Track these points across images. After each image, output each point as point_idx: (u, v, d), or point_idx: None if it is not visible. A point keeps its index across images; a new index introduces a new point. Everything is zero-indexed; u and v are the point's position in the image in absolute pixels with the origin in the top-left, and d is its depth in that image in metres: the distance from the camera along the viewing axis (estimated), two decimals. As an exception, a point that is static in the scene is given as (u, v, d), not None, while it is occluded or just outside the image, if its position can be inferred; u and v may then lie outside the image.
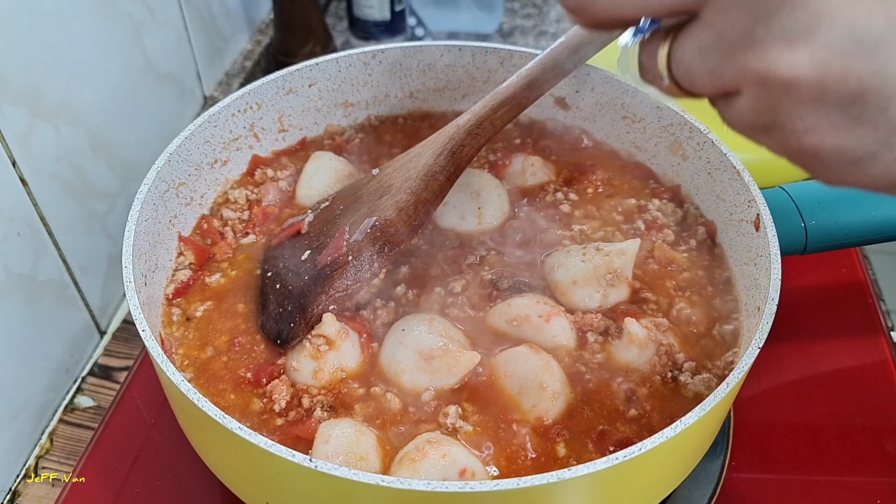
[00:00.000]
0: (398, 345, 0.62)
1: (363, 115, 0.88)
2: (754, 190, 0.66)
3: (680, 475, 0.61)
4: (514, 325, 0.64)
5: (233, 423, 0.50)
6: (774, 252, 0.61)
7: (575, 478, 0.47)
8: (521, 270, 0.70)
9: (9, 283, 0.72)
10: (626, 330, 0.63)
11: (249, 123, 0.80)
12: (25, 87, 0.72)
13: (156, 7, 0.93)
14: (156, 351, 0.54)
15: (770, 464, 0.73)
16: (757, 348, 0.55)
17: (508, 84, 0.72)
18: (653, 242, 0.72)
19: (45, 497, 0.74)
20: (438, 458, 0.54)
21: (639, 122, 0.80)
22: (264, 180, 0.80)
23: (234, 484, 0.60)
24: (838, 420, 0.77)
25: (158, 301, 0.68)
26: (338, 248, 0.66)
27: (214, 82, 1.14)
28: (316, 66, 0.82)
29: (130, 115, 0.90)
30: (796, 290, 0.83)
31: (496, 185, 0.76)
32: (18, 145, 0.71)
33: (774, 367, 0.79)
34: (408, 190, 0.67)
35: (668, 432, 0.49)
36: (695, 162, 0.75)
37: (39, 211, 0.76)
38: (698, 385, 0.61)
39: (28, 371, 0.77)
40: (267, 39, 1.25)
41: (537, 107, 0.79)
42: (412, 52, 0.85)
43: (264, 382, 0.62)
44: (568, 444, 0.58)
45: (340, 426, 0.57)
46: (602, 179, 0.80)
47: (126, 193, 0.90)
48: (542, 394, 0.59)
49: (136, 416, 0.77)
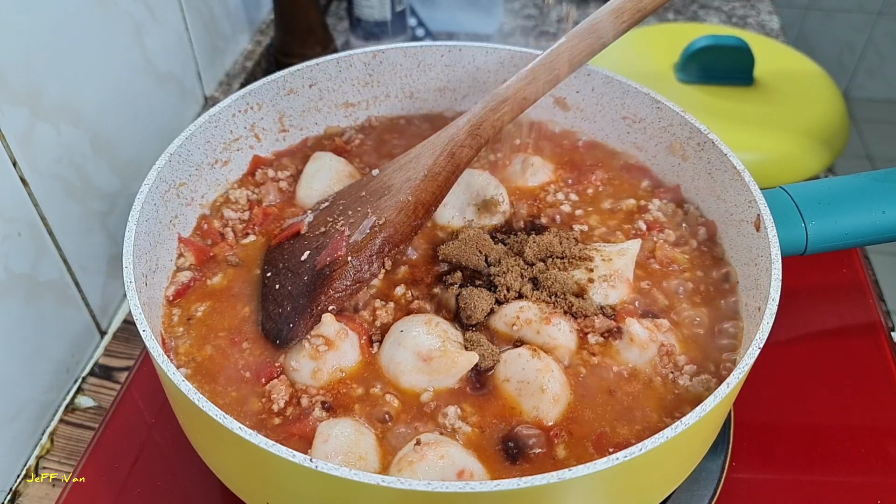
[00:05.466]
0: (397, 345, 0.62)
1: (363, 116, 0.88)
2: (755, 190, 0.66)
3: (680, 475, 0.61)
4: (515, 327, 0.64)
5: (233, 423, 0.50)
6: (775, 252, 0.61)
7: (575, 478, 0.47)
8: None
9: (9, 283, 0.72)
10: (627, 331, 0.63)
11: (250, 124, 0.80)
12: (26, 87, 0.72)
13: (156, 7, 0.93)
14: (156, 351, 0.54)
15: (770, 464, 0.73)
16: (757, 348, 0.55)
17: (508, 85, 0.72)
18: (654, 242, 0.72)
19: (46, 497, 0.74)
20: (437, 458, 0.54)
21: (639, 123, 0.80)
22: (265, 181, 0.80)
23: (234, 484, 0.60)
24: (838, 420, 0.77)
25: (159, 301, 0.68)
26: (337, 249, 0.66)
27: (215, 82, 1.14)
28: (316, 67, 0.82)
29: (131, 116, 0.90)
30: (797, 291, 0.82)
31: (496, 186, 0.76)
32: (19, 145, 0.72)
33: (775, 367, 0.79)
34: (408, 190, 0.67)
35: (669, 432, 0.49)
36: (695, 162, 0.75)
37: (40, 211, 0.76)
38: (699, 386, 0.61)
39: (29, 371, 0.77)
40: (268, 40, 1.25)
41: (537, 107, 0.79)
42: (412, 53, 0.85)
43: (263, 382, 0.62)
44: (568, 446, 0.58)
45: (340, 426, 0.57)
46: (602, 179, 0.80)
47: (126, 194, 0.90)
48: (542, 396, 0.59)
49: (137, 416, 0.77)
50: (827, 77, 1.10)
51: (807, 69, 1.11)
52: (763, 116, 1.01)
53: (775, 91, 1.05)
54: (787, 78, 1.08)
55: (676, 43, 1.10)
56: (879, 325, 0.85)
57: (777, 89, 1.05)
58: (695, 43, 1.04)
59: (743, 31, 1.22)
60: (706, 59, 1.04)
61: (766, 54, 1.08)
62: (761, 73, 1.06)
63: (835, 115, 1.04)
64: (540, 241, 0.70)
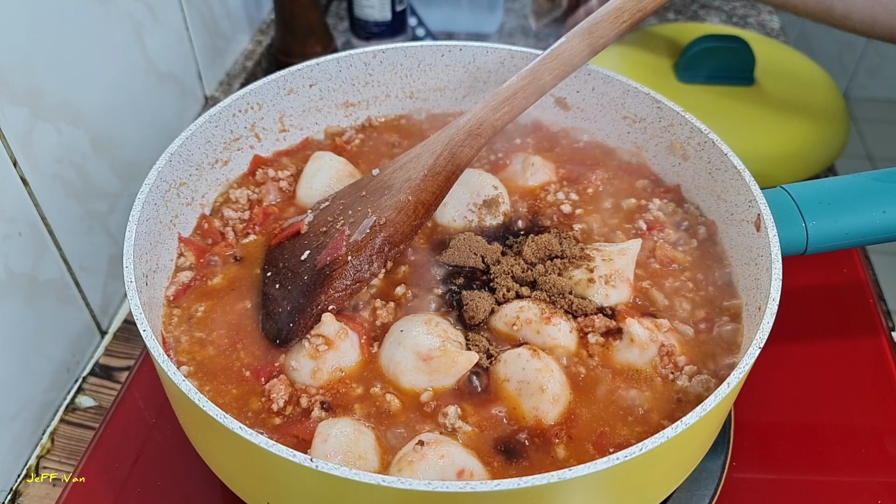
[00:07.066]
0: (397, 345, 0.62)
1: (364, 116, 0.88)
2: (755, 190, 0.66)
3: (681, 475, 0.61)
4: (515, 327, 0.64)
5: (234, 423, 0.50)
6: (775, 252, 0.61)
7: (575, 478, 0.47)
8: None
9: (10, 283, 0.72)
10: (627, 331, 0.63)
11: (250, 123, 0.80)
12: (26, 86, 0.72)
13: (157, 7, 0.93)
14: (157, 351, 0.54)
15: (770, 464, 0.73)
16: (758, 348, 0.55)
17: (509, 85, 0.72)
18: (654, 242, 0.72)
19: (46, 497, 0.74)
20: (437, 458, 0.54)
21: (639, 122, 0.80)
22: (265, 180, 0.80)
23: (234, 483, 0.60)
24: (838, 420, 0.77)
25: (159, 301, 0.68)
26: (337, 248, 0.66)
27: (215, 82, 1.14)
28: (317, 67, 0.82)
29: (131, 115, 0.90)
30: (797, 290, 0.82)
31: (496, 185, 0.76)
32: (19, 145, 0.72)
33: (775, 367, 0.79)
34: (408, 190, 0.67)
35: (669, 432, 0.49)
36: (695, 162, 0.75)
37: (41, 211, 0.76)
38: (699, 386, 0.61)
39: (29, 371, 0.77)
40: (268, 39, 1.25)
41: (538, 107, 0.79)
42: (413, 52, 0.85)
43: (263, 382, 0.62)
44: (568, 446, 0.58)
45: (339, 425, 0.57)
46: (602, 179, 0.79)
47: (127, 193, 0.90)
48: (541, 396, 0.59)
49: (137, 415, 0.77)
50: (827, 77, 1.10)
51: (807, 69, 1.11)
52: (763, 116, 1.01)
53: (776, 91, 1.05)
54: (787, 78, 1.08)
55: (676, 43, 1.10)
56: (879, 325, 0.85)
57: (777, 89, 1.05)
58: (695, 43, 1.04)
59: (743, 31, 1.22)
60: (706, 58, 1.04)
61: (767, 54, 1.08)
62: (762, 73, 1.05)
63: (835, 114, 1.04)
64: (540, 240, 0.70)
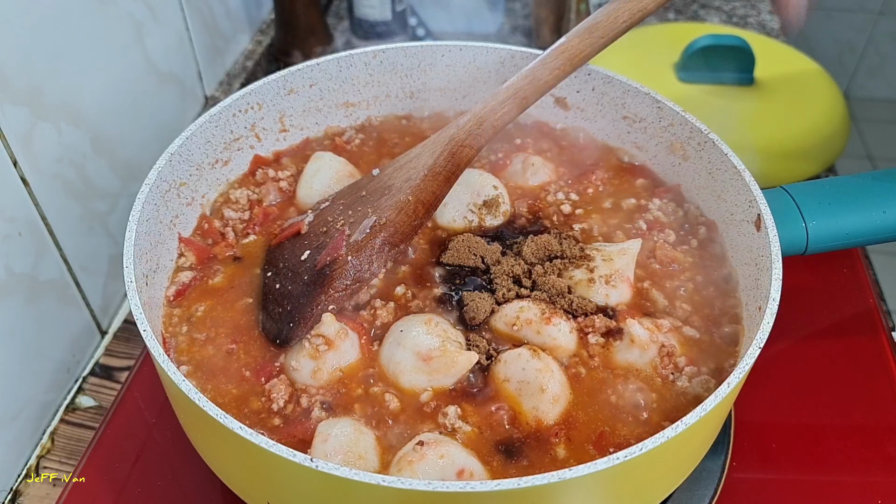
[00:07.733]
0: (397, 345, 0.62)
1: (364, 116, 0.88)
2: (755, 190, 0.66)
3: (681, 475, 0.61)
4: (515, 327, 0.64)
5: (234, 423, 0.50)
6: (775, 252, 0.61)
7: (575, 478, 0.47)
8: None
9: (10, 283, 0.72)
10: (627, 331, 0.63)
11: (250, 123, 0.80)
12: (27, 86, 0.72)
13: (157, 7, 0.93)
14: (157, 351, 0.54)
15: (771, 464, 0.73)
16: (758, 348, 0.55)
17: (509, 85, 0.72)
18: (654, 242, 0.72)
19: (47, 497, 0.74)
20: (436, 458, 0.54)
21: (639, 122, 0.80)
22: (265, 180, 0.80)
23: (234, 483, 0.60)
24: (838, 420, 0.77)
25: (159, 301, 0.68)
26: (337, 248, 0.66)
27: (215, 82, 1.14)
28: (317, 67, 0.82)
29: (131, 115, 0.90)
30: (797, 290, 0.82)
31: (496, 186, 0.76)
32: (20, 145, 0.72)
33: (775, 367, 0.79)
34: (408, 190, 0.67)
35: (669, 432, 0.49)
36: (696, 162, 0.75)
37: (41, 211, 0.76)
38: (699, 386, 0.61)
39: (29, 371, 0.77)
40: (268, 39, 1.25)
41: (538, 107, 0.79)
42: (413, 52, 0.85)
43: (263, 382, 0.62)
44: (568, 446, 0.58)
45: (339, 425, 0.57)
46: (602, 179, 0.79)
47: (127, 193, 0.90)
48: (542, 396, 0.59)
49: (137, 415, 0.77)
50: (827, 77, 1.10)
51: (807, 69, 1.11)
52: (763, 116, 1.01)
53: (776, 91, 1.05)
54: (787, 78, 1.08)
55: (677, 43, 1.10)
56: (880, 325, 0.85)
57: (777, 89, 1.05)
58: (695, 43, 1.04)
59: (743, 31, 1.22)
60: (707, 58, 1.04)
61: (767, 54, 1.08)
62: (762, 72, 1.05)
63: (835, 114, 1.04)
64: (539, 241, 0.70)
